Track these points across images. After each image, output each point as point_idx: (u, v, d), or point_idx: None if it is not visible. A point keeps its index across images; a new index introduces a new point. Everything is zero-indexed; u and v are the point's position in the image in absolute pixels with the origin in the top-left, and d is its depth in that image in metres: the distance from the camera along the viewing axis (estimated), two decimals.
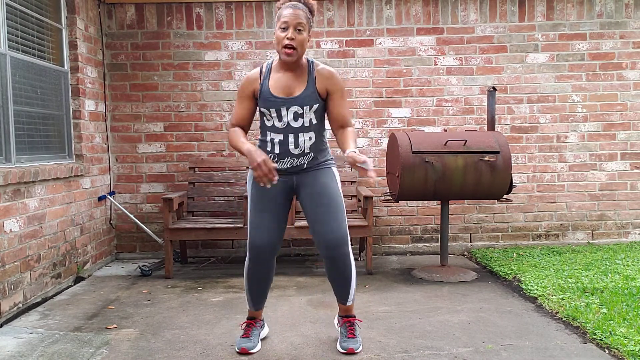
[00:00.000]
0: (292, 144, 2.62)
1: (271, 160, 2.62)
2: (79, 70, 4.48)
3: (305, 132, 2.62)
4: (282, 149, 2.63)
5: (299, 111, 2.59)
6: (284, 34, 2.49)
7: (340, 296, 2.81)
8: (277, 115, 2.60)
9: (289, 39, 2.48)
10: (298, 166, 2.67)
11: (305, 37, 2.53)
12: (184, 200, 4.80)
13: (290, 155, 2.64)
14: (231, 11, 5.07)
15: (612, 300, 3.33)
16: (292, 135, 2.61)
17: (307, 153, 2.65)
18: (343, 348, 2.73)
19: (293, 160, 2.65)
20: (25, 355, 2.77)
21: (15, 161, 3.62)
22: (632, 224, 5.28)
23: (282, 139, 2.62)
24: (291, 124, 2.60)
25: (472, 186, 4.08)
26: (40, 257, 3.77)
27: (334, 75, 2.62)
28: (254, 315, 2.89)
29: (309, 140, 2.64)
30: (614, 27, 5.15)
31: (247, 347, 2.73)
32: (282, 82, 2.60)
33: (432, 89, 5.16)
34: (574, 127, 5.22)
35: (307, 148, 2.64)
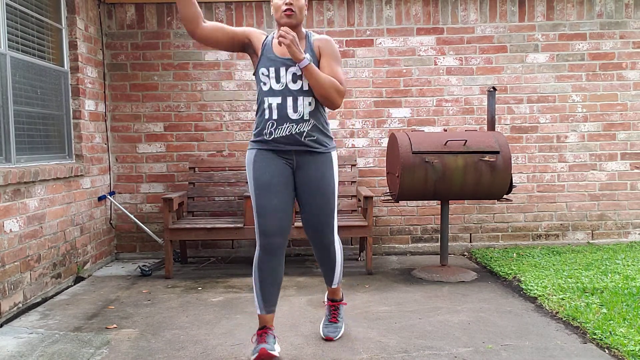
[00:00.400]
0: (291, 107, 2.57)
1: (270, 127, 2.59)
2: (79, 70, 4.48)
3: (305, 96, 2.58)
4: (281, 113, 2.57)
5: (298, 72, 2.57)
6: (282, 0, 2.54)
7: (327, 278, 2.98)
8: (276, 75, 2.57)
9: (288, 3, 2.53)
10: (297, 134, 2.59)
11: (303, 4, 2.58)
12: (184, 200, 4.80)
13: (288, 120, 2.57)
14: (231, 11, 5.07)
15: (612, 300, 3.33)
16: (291, 98, 2.57)
17: (306, 120, 2.59)
18: (323, 334, 2.92)
19: (292, 126, 2.58)
20: (25, 355, 2.77)
21: (15, 161, 3.62)
22: (632, 224, 5.28)
23: (280, 102, 2.57)
24: (289, 86, 2.57)
25: (472, 186, 4.08)
26: (40, 257, 3.77)
27: (330, 40, 2.66)
28: (265, 323, 2.68)
29: (308, 105, 2.59)
30: (614, 27, 5.15)
31: (267, 348, 2.53)
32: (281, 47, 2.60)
33: (432, 89, 5.16)
34: (574, 127, 5.22)
35: (306, 114, 2.59)
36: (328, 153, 2.71)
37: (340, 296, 3.05)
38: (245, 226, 4.37)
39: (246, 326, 3.18)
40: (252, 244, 5.21)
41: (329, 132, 2.74)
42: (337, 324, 2.98)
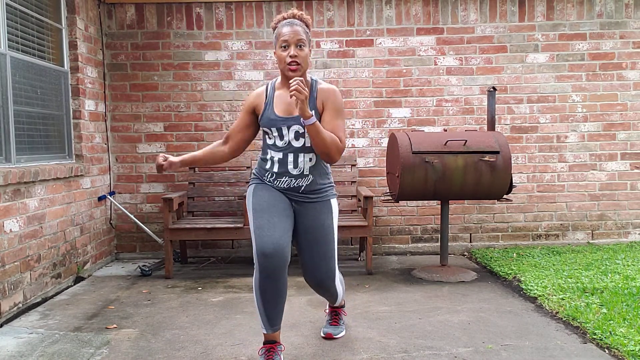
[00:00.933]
0: (291, 163, 2.56)
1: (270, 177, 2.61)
2: (79, 70, 4.48)
3: (306, 153, 2.56)
4: (281, 168, 2.58)
5: (300, 130, 2.53)
6: (285, 52, 2.47)
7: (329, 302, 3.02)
8: (279, 134, 2.55)
9: (292, 56, 2.46)
10: (295, 188, 2.59)
11: (307, 53, 2.50)
12: (184, 200, 4.80)
13: (288, 175, 2.57)
14: (231, 11, 5.07)
15: (612, 300, 3.33)
16: (292, 154, 2.56)
17: (305, 175, 2.58)
18: (323, 332, 2.97)
19: (291, 180, 2.58)
20: (25, 355, 2.77)
21: (15, 161, 3.62)
22: (632, 224, 5.28)
23: (282, 157, 2.56)
24: (292, 143, 2.55)
25: (472, 186, 4.08)
26: (40, 257, 3.77)
27: (335, 92, 2.58)
28: (273, 338, 2.57)
29: (308, 161, 2.58)
30: (614, 27, 5.15)
31: None
32: (285, 100, 2.56)
33: (432, 89, 5.16)
34: (574, 127, 5.22)
35: (306, 169, 2.58)
36: (327, 201, 2.66)
37: (342, 304, 3.10)
38: (245, 226, 4.37)
39: (246, 326, 3.18)
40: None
41: (329, 180, 2.70)
42: (338, 326, 3.02)
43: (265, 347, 2.56)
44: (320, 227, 2.63)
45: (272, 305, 2.51)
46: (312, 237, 2.63)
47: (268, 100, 2.59)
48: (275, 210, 2.54)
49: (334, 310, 3.06)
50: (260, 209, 2.54)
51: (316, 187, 2.63)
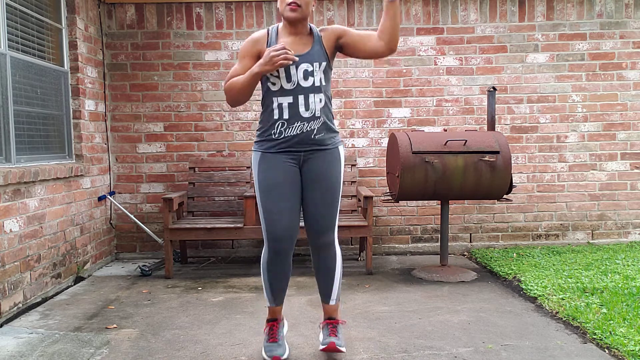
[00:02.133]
0: (303, 105, 2.50)
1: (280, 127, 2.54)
2: (79, 70, 4.48)
3: (316, 93, 2.52)
4: (292, 112, 2.51)
5: (309, 68, 2.50)
6: None
7: (324, 292, 2.73)
8: (286, 75, 2.49)
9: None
10: (307, 132, 2.53)
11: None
12: (184, 200, 4.80)
13: (300, 118, 2.51)
14: (231, 11, 5.07)
15: (612, 300, 3.33)
16: (302, 96, 2.50)
17: (317, 117, 2.53)
18: (324, 343, 2.66)
19: (303, 125, 2.52)
20: (25, 355, 2.77)
21: (15, 161, 3.62)
22: (632, 224, 5.28)
23: (292, 101, 2.50)
24: (301, 84, 2.50)
25: (472, 186, 4.08)
26: (40, 257, 3.77)
27: (335, 26, 2.61)
28: (275, 315, 2.74)
29: (319, 102, 2.53)
30: (614, 27, 5.15)
31: (280, 355, 2.62)
32: (290, 42, 2.53)
33: (432, 89, 5.16)
34: (574, 127, 5.22)
35: (317, 111, 2.53)
36: (335, 149, 2.64)
37: (339, 315, 2.80)
38: (245, 226, 4.37)
39: (246, 326, 3.18)
40: (252, 244, 5.21)
41: (335, 127, 2.68)
42: (339, 337, 2.70)
43: (268, 325, 2.74)
44: (327, 173, 2.59)
45: (277, 282, 2.66)
46: (318, 182, 2.59)
47: (271, 41, 2.54)
48: (282, 192, 2.55)
49: (330, 322, 2.75)
50: (267, 189, 2.56)
51: (326, 133, 2.59)
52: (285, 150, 2.57)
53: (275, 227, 2.55)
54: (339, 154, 2.66)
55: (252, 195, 4.38)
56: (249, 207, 4.37)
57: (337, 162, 2.64)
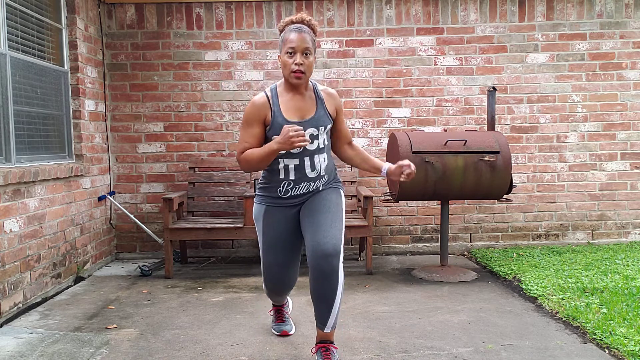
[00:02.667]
0: (309, 167, 2.55)
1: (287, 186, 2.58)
2: (79, 70, 4.48)
3: (320, 154, 2.57)
4: (299, 174, 2.55)
5: (315, 132, 2.53)
6: (291, 59, 2.44)
7: (320, 318, 2.52)
8: None
9: (298, 64, 2.43)
10: (313, 191, 2.62)
11: (312, 61, 2.49)
12: (184, 200, 4.80)
13: (306, 179, 2.57)
14: (231, 11, 5.07)
15: (612, 300, 3.33)
16: (308, 158, 2.54)
17: (322, 175, 2.61)
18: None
19: (309, 184, 2.59)
20: (25, 355, 2.77)
21: (15, 161, 3.62)
22: (632, 224, 5.28)
23: (298, 163, 2.53)
24: (307, 147, 2.52)
25: (472, 186, 4.08)
26: (40, 257, 3.77)
27: (337, 96, 2.67)
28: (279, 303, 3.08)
29: (323, 161, 2.59)
30: (614, 27, 5.15)
31: (287, 330, 2.98)
32: (294, 105, 2.53)
33: (432, 89, 5.16)
34: (574, 127, 5.22)
35: (322, 170, 2.59)
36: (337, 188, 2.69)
37: (332, 339, 2.59)
38: (245, 226, 4.37)
39: (246, 326, 3.18)
40: (252, 244, 5.21)
41: (337, 177, 2.76)
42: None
43: (274, 308, 3.09)
44: (328, 199, 2.59)
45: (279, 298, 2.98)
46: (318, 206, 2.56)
47: (274, 108, 2.51)
48: (283, 246, 2.67)
49: (323, 345, 2.56)
50: (270, 243, 2.68)
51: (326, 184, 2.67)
52: (290, 205, 2.64)
53: (274, 278, 2.75)
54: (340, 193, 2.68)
55: (252, 195, 4.38)
56: (249, 207, 4.37)
57: (337, 195, 2.65)
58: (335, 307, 2.49)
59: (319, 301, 2.48)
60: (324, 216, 2.51)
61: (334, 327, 2.54)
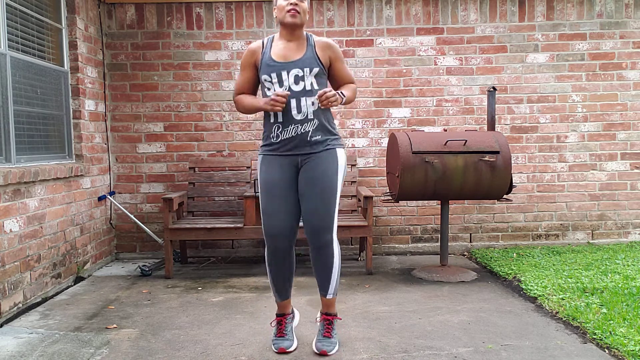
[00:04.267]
0: (295, 108, 2.64)
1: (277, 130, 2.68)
2: (79, 70, 4.48)
3: (307, 97, 2.65)
4: (286, 115, 2.65)
5: (299, 73, 2.64)
6: (286, 1, 2.63)
7: (322, 286, 2.78)
8: (278, 79, 2.65)
9: (293, 3, 2.62)
10: (302, 134, 2.66)
11: (306, 6, 2.68)
12: (184, 200, 4.80)
13: (293, 121, 2.65)
14: (231, 11, 5.07)
15: (612, 300, 3.33)
16: (294, 99, 2.64)
17: (310, 119, 2.66)
18: (317, 349, 2.72)
19: (297, 127, 2.65)
20: (25, 355, 2.77)
21: (15, 161, 3.62)
22: (632, 224, 5.28)
23: (285, 105, 2.63)
24: (292, 88, 2.64)
25: (472, 186, 4.08)
26: (40, 257, 3.77)
27: (333, 43, 2.77)
28: (283, 310, 2.87)
29: (311, 105, 2.65)
30: (614, 27, 5.15)
31: (285, 347, 2.73)
32: (283, 49, 2.69)
33: (432, 89, 5.16)
34: (574, 127, 5.22)
35: (310, 113, 2.65)
36: (333, 149, 2.73)
37: (335, 311, 2.86)
38: (245, 226, 4.37)
39: (246, 326, 3.18)
40: (252, 244, 5.21)
41: (334, 129, 2.78)
42: (332, 339, 2.76)
43: (277, 319, 2.87)
44: (322, 175, 2.68)
45: (279, 278, 2.79)
46: (312, 183, 2.68)
47: (265, 51, 2.71)
48: (279, 192, 2.69)
49: (327, 318, 2.81)
50: (265, 189, 2.71)
51: (323, 135, 2.70)
52: (285, 154, 2.71)
53: (271, 226, 2.70)
54: (336, 155, 2.73)
55: (252, 195, 4.38)
56: (249, 207, 4.38)
57: (334, 163, 2.71)
58: (333, 275, 2.76)
59: (319, 271, 2.76)
60: (318, 192, 2.66)
61: (335, 294, 2.80)
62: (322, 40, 2.74)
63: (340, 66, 2.78)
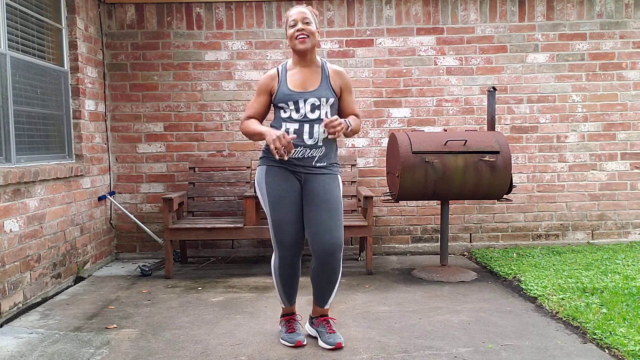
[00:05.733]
0: (307, 133, 2.70)
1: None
2: (79, 70, 4.48)
3: (321, 124, 2.71)
4: (297, 138, 2.70)
5: (316, 103, 2.72)
6: (294, 28, 2.69)
7: (320, 300, 2.88)
8: (295, 107, 2.71)
9: (300, 29, 2.68)
10: (309, 159, 2.73)
11: (314, 29, 2.72)
12: (184, 200, 4.80)
13: (303, 145, 2.71)
14: (231, 11, 5.07)
15: (612, 300, 3.33)
16: (308, 125, 2.70)
17: (319, 146, 2.73)
18: (329, 344, 2.79)
19: (305, 150, 2.72)
20: (25, 355, 2.77)
21: (15, 161, 3.62)
22: (632, 224, 5.28)
23: (298, 127, 2.70)
24: (308, 115, 2.71)
25: (472, 186, 4.08)
26: (40, 257, 3.77)
27: (345, 73, 2.85)
28: (291, 310, 2.97)
29: (323, 133, 2.72)
30: (614, 27, 5.15)
31: (302, 340, 2.82)
32: (299, 77, 2.76)
33: (432, 89, 5.16)
34: (574, 127, 5.22)
35: (320, 141, 2.73)
36: (335, 175, 2.83)
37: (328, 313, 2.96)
38: (245, 226, 4.37)
39: (246, 326, 3.19)
40: (252, 244, 5.21)
41: (337, 159, 2.88)
42: (337, 334, 2.86)
43: (284, 318, 2.95)
44: (330, 195, 2.75)
45: (289, 285, 2.86)
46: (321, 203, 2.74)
47: (281, 79, 2.77)
48: (287, 203, 2.75)
49: (325, 318, 2.92)
50: (275, 201, 2.76)
51: (326, 161, 2.77)
52: (288, 169, 2.77)
53: (284, 235, 2.76)
54: (338, 180, 2.84)
55: (252, 195, 4.38)
56: (249, 207, 4.38)
57: (336, 185, 2.82)
58: (335, 289, 2.86)
59: (322, 285, 2.83)
60: (327, 213, 2.72)
61: (331, 303, 2.93)
62: (334, 69, 2.82)
63: (348, 98, 2.84)
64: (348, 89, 2.83)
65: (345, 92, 2.83)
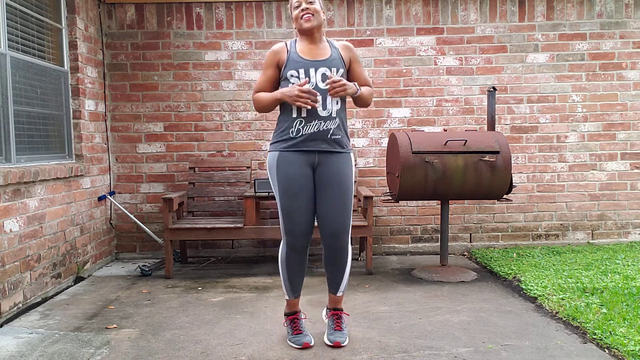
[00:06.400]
0: (320, 104, 2.67)
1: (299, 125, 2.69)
2: (79, 70, 4.48)
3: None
4: (310, 110, 2.67)
5: (327, 72, 2.70)
6: (298, 9, 2.72)
7: (333, 285, 2.89)
8: (306, 75, 2.69)
9: (304, 9, 2.69)
10: (324, 131, 2.70)
11: (318, 8, 2.72)
12: (184, 200, 4.80)
13: (317, 117, 2.68)
14: (231, 11, 5.07)
15: (612, 300, 3.33)
16: (320, 97, 2.67)
17: (333, 117, 2.71)
18: (330, 341, 2.82)
19: (320, 123, 2.69)
20: (25, 355, 2.77)
21: (15, 161, 3.62)
22: (632, 224, 5.28)
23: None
24: (319, 85, 2.69)
25: (472, 186, 4.08)
26: (40, 257, 3.77)
27: (351, 45, 2.88)
28: (294, 308, 2.94)
29: (336, 103, 2.71)
30: (614, 27, 5.15)
31: (308, 341, 2.80)
32: (309, 49, 2.75)
33: (432, 89, 5.16)
34: (574, 127, 5.22)
35: (334, 112, 2.71)
36: (348, 154, 2.82)
37: (342, 306, 2.98)
38: (245, 226, 4.37)
39: (246, 326, 3.18)
40: (252, 244, 5.21)
41: (348, 132, 2.87)
42: (343, 332, 2.88)
43: (289, 318, 2.92)
44: (341, 175, 2.75)
45: (295, 275, 2.85)
46: (332, 184, 2.74)
47: (290, 50, 2.76)
48: (298, 192, 2.72)
49: (336, 313, 2.93)
50: (286, 189, 2.73)
51: (342, 136, 2.77)
52: (301, 150, 2.72)
53: (295, 224, 2.74)
54: (351, 159, 2.83)
55: (252, 195, 4.38)
56: (249, 207, 4.38)
57: (350, 168, 2.81)
58: (346, 274, 2.87)
59: (333, 270, 2.85)
60: (339, 195, 2.74)
61: (344, 290, 2.92)
62: (342, 43, 2.85)
63: (358, 68, 2.85)
64: (357, 60, 2.84)
65: (355, 63, 2.83)
